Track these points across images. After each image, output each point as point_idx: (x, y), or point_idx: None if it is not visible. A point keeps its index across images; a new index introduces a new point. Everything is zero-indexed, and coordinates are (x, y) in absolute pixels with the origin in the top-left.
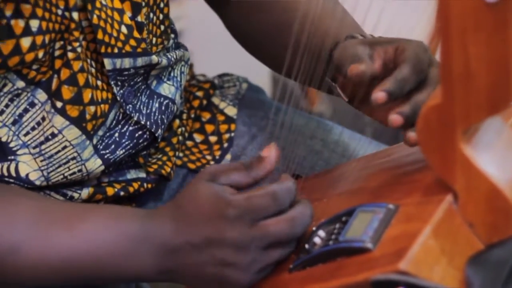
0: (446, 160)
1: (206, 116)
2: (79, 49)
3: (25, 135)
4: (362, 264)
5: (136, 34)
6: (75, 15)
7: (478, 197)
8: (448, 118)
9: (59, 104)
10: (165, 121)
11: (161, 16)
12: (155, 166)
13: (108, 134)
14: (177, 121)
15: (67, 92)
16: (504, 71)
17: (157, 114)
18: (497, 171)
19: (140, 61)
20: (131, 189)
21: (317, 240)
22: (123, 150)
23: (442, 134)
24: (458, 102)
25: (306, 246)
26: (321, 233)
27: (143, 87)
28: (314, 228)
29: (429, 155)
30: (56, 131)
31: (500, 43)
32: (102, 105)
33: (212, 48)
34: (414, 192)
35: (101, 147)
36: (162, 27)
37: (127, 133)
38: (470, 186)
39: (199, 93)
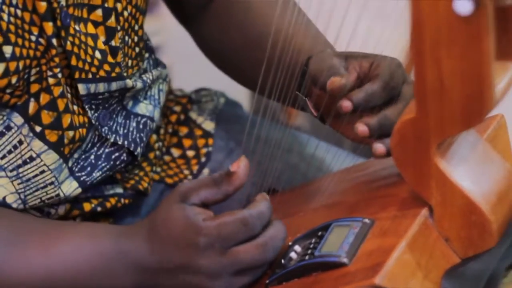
0: (421, 174)
1: (184, 130)
2: (59, 75)
3: (2, 158)
4: (337, 279)
5: (110, 59)
6: (54, 41)
7: (453, 211)
8: (422, 132)
9: (38, 129)
10: (144, 139)
11: (135, 39)
12: (132, 182)
13: (83, 156)
14: (154, 136)
15: (46, 117)
16: (478, 84)
17: (135, 133)
18: (472, 185)
19: (114, 85)
20: (108, 205)
21: (293, 255)
22: (100, 172)
23: (417, 148)
24: (432, 115)
25: (282, 261)
26: (297, 248)
27: (118, 108)
28: (290, 243)
29: (404, 169)
30: (34, 155)
31: (474, 56)
32: (80, 130)
33: (190, 63)
34: (390, 206)
35: (76, 169)
36: (137, 49)
37: (103, 155)
38: (445, 200)
39: (177, 108)
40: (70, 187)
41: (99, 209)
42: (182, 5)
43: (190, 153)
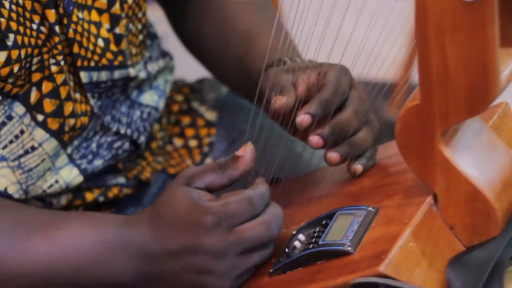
0: (425, 162)
1: (186, 120)
2: (62, 62)
3: (3, 148)
4: (342, 267)
5: (113, 47)
6: (57, 28)
7: (458, 199)
8: (427, 119)
9: (40, 117)
10: (148, 128)
11: (139, 26)
12: (134, 172)
13: (84, 144)
14: (157, 126)
15: (49, 105)
16: (483, 71)
17: (138, 122)
18: (477, 172)
19: (117, 74)
20: (110, 195)
21: (297, 243)
22: (102, 161)
23: (421, 135)
24: (437, 103)
25: (286, 250)
26: (301, 236)
27: (122, 98)
28: (294, 232)
29: (409, 157)
30: (36, 144)
31: (478, 43)
32: (82, 118)
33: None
34: (394, 194)
35: (77, 156)
36: (141, 37)
37: (105, 144)
38: (450, 188)
39: (179, 98)
40: (71, 174)
41: (101, 199)
42: None
43: (193, 142)
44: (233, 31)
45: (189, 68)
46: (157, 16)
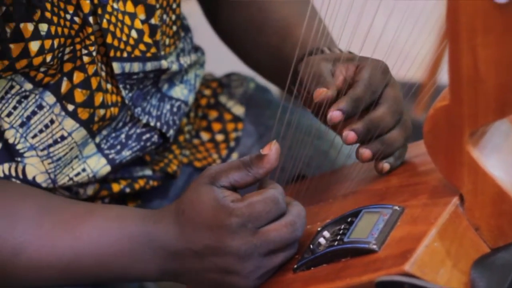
0: (452, 163)
1: (213, 114)
2: (94, 53)
3: (33, 137)
4: (367, 265)
5: (146, 38)
6: (91, 19)
7: (484, 200)
8: (456, 119)
9: (70, 107)
10: (177, 122)
11: (173, 17)
12: (161, 164)
13: (113, 134)
14: (184, 120)
15: (79, 95)
16: None
17: (168, 115)
18: (504, 174)
19: (149, 66)
20: (136, 186)
21: (322, 240)
22: (130, 152)
23: (450, 136)
24: (466, 104)
25: (311, 246)
26: (326, 233)
27: (153, 90)
28: (319, 228)
29: (436, 157)
30: (66, 134)
31: (509, 45)
32: (112, 108)
33: (220, 47)
34: (420, 194)
35: (105, 146)
36: (174, 28)
37: (134, 135)
38: (476, 189)
39: (207, 92)
40: (98, 164)
41: (127, 190)
42: None
43: (219, 137)
44: (269, 20)
45: (216, 63)
46: (186, 11)
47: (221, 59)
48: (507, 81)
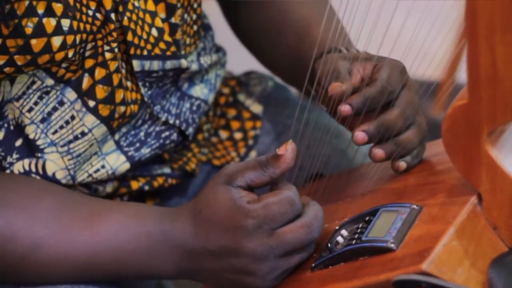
0: (471, 161)
1: (232, 113)
2: (116, 50)
3: (53, 133)
4: (384, 264)
5: (166, 37)
6: (112, 16)
7: (503, 199)
8: (474, 118)
9: (91, 103)
10: (197, 120)
11: (194, 16)
12: (180, 162)
13: (133, 132)
14: (203, 118)
15: (101, 92)
16: None
17: (187, 113)
18: None
19: (169, 64)
20: (155, 184)
21: (339, 239)
22: (149, 149)
23: (468, 134)
24: (485, 103)
25: (329, 245)
26: (344, 232)
27: (172, 89)
28: (337, 227)
29: (454, 156)
30: (86, 130)
31: None
32: (132, 106)
33: (238, 46)
34: (438, 193)
35: (124, 144)
36: (195, 27)
37: (154, 133)
38: (495, 188)
39: (225, 90)
40: (118, 161)
41: (146, 188)
42: None
43: (238, 135)
44: (288, 21)
45: (235, 61)
46: (205, 10)
47: (240, 58)
48: None
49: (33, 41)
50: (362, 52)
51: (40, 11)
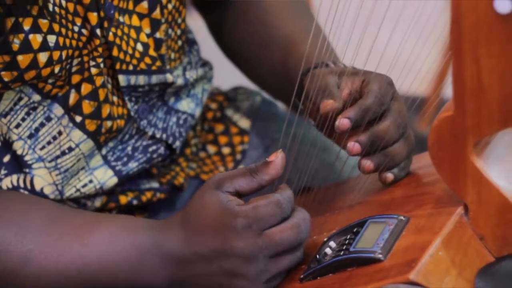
0: (457, 172)
1: (220, 128)
2: (102, 65)
3: (41, 149)
4: (372, 274)
5: (151, 52)
6: (98, 31)
7: (489, 210)
8: (459, 130)
9: (78, 119)
10: (183, 133)
11: (178, 32)
12: (168, 177)
13: (120, 146)
14: (191, 133)
15: (87, 107)
16: None
17: (174, 127)
18: (508, 184)
19: (154, 79)
20: (144, 199)
21: (328, 250)
22: (136, 163)
23: (454, 146)
24: (470, 114)
25: (317, 256)
26: (332, 243)
27: (159, 103)
28: (325, 239)
29: (440, 167)
30: (73, 145)
31: None
32: (118, 120)
33: (225, 62)
34: (425, 204)
35: (112, 158)
36: (180, 42)
37: (141, 147)
38: (481, 199)
39: (213, 105)
40: (105, 175)
41: (135, 202)
42: None
43: (226, 150)
44: (273, 37)
45: (222, 77)
46: (192, 27)
47: (227, 73)
48: (510, 92)
49: (20, 57)
50: (348, 66)
51: (26, 27)
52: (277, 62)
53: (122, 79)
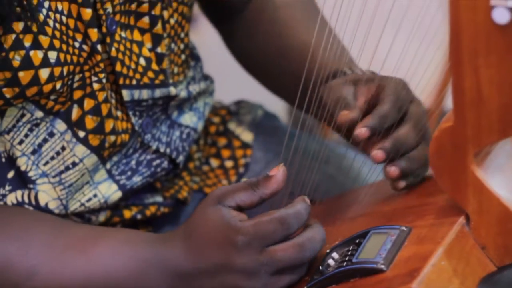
0: (458, 183)
1: (222, 141)
2: (104, 80)
3: (45, 164)
4: (375, 284)
5: (154, 66)
6: (99, 47)
7: (490, 219)
8: (460, 140)
9: (81, 134)
10: (187, 148)
11: (181, 46)
12: (172, 191)
13: (124, 160)
14: (194, 147)
15: (90, 122)
16: None
17: (177, 142)
18: (509, 193)
19: (158, 93)
20: (148, 213)
21: (331, 261)
22: (140, 177)
23: (454, 156)
24: (470, 124)
25: (320, 267)
26: (335, 255)
27: (163, 117)
28: (328, 250)
29: (441, 177)
30: (77, 160)
31: (511, 65)
32: (123, 135)
33: (228, 76)
34: (427, 214)
35: (116, 172)
36: (183, 57)
37: (145, 161)
38: (482, 208)
39: (216, 119)
40: (110, 189)
41: (139, 216)
42: (217, 7)
43: (229, 163)
44: (289, 47)
45: (225, 91)
46: (195, 42)
47: (229, 88)
48: (510, 102)
49: (21, 74)
50: (364, 71)
51: (27, 44)
52: (296, 72)
53: (125, 94)
